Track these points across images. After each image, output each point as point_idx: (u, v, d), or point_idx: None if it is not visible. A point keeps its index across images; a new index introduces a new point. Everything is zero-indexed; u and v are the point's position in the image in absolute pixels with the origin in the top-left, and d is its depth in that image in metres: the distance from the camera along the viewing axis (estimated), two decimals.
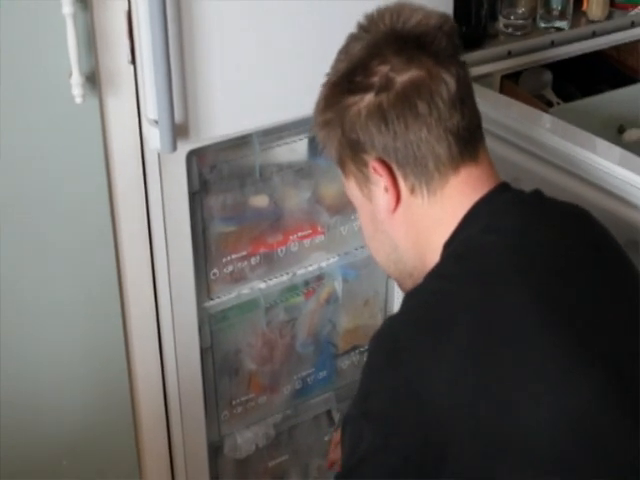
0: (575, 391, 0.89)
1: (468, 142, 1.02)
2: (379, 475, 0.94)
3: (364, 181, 1.05)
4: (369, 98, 1.00)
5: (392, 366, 0.94)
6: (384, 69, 0.99)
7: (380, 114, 1.00)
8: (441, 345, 0.92)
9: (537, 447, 0.87)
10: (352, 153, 1.04)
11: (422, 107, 0.98)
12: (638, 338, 0.96)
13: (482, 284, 0.95)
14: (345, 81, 1.03)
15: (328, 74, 1.06)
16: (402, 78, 0.99)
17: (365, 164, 1.04)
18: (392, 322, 1.00)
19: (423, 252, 1.06)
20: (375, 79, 1.00)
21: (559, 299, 0.95)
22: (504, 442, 0.88)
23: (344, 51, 1.05)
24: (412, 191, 1.03)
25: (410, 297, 1.00)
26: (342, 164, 1.08)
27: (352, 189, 1.09)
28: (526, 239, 1.01)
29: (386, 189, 1.03)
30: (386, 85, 0.99)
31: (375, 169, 1.03)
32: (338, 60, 1.06)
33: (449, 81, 0.99)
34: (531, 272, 0.97)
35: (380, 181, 1.03)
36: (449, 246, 1.02)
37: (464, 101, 1.01)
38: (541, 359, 0.90)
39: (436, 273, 1.01)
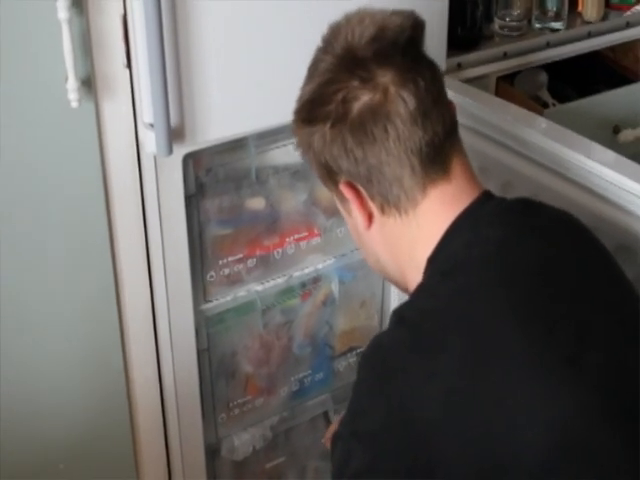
0: (563, 406, 0.89)
1: (435, 159, 1.00)
2: None
3: (342, 198, 1.06)
4: (328, 128, 1.00)
5: (382, 386, 0.94)
6: (339, 97, 0.99)
7: (340, 141, 1.00)
8: (431, 364, 0.92)
9: (527, 463, 0.87)
10: (326, 173, 1.05)
11: (378, 132, 0.98)
12: (626, 346, 0.96)
13: (469, 301, 0.95)
14: (306, 110, 1.03)
15: (300, 89, 1.06)
16: (357, 104, 0.98)
17: (337, 184, 1.04)
18: (381, 341, 0.99)
19: (404, 266, 1.06)
20: (331, 108, 0.99)
21: (545, 312, 0.95)
22: (493, 459, 0.88)
23: (310, 71, 1.05)
24: (382, 211, 1.03)
25: (398, 315, 0.99)
26: (322, 181, 1.09)
27: (336, 203, 1.11)
28: (510, 251, 1.00)
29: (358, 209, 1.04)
30: (342, 114, 0.99)
31: (343, 191, 1.04)
32: (306, 79, 1.06)
33: (407, 98, 0.98)
34: (516, 286, 0.96)
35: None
36: (433, 261, 1.02)
37: (426, 114, 0.99)
38: (529, 375, 0.90)
39: (423, 291, 1.01)
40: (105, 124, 1.27)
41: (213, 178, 1.45)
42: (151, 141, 1.26)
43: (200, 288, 1.50)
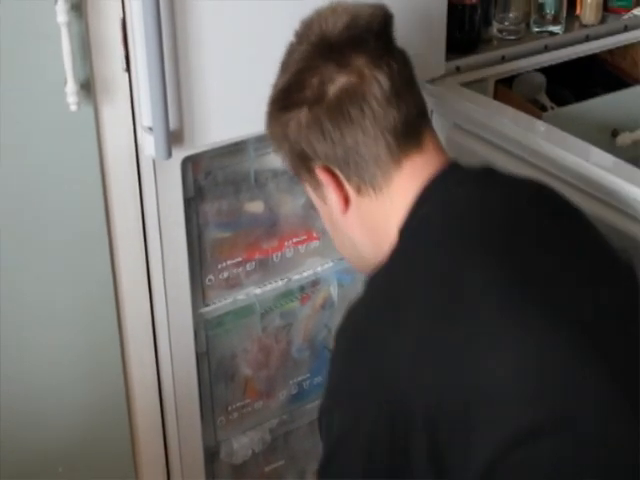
0: (543, 352, 0.89)
1: (408, 134, 1.03)
2: (354, 457, 0.96)
3: (316, 185, 1.08)
4: (304, 113, 1.02)
5: (356, 348, 0.96)
6: (315, 81, 1.01)
7: (317, 126, 1.02)
8: (403, 320, 0.93)
9: (506, 409, 0.87)
10: (301, 162, 1.07)
11: (354, 112, 1.01)
12: (603, 292, 0.98)
13: (442, 255, 0.97)
14: (281, 98, 1.06)
15: (272, 85, 1.09)
16: (333, 87, 1.01)
17: (313, 171, 1.06)
18: (354, 307, 1.02)
19: (381, 245, 1.07)
20: (308, 92, 1.02)
21: (521, 262, 0.96)
22: (472, 408, 0.88)
23: (283, 64, 1.08)
24: (358, 191, 1.05)
25: (370, 280, 1.02)
26: (295, 172, 1.11)
27: (309, 193, 1.13)
28: (482, 205, 1.03)
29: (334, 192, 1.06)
30: (319, 97, 1.01)
31: (320, 176, 1.05)
32: (278, 73, 1.08)
33: (381, 79, 1.01)
34: (490, 238, 0.98)
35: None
36: (405, 228, 1.04)
37: (400, 95, 1.02)
38: (507, 324, 0.91)
39: (395, 252, 1.03)
40: (104, 127, 1.27)
41: (212, 181, 1.46)
42: (150, 144, 1.26)
43: (199, 291, 1.51)
